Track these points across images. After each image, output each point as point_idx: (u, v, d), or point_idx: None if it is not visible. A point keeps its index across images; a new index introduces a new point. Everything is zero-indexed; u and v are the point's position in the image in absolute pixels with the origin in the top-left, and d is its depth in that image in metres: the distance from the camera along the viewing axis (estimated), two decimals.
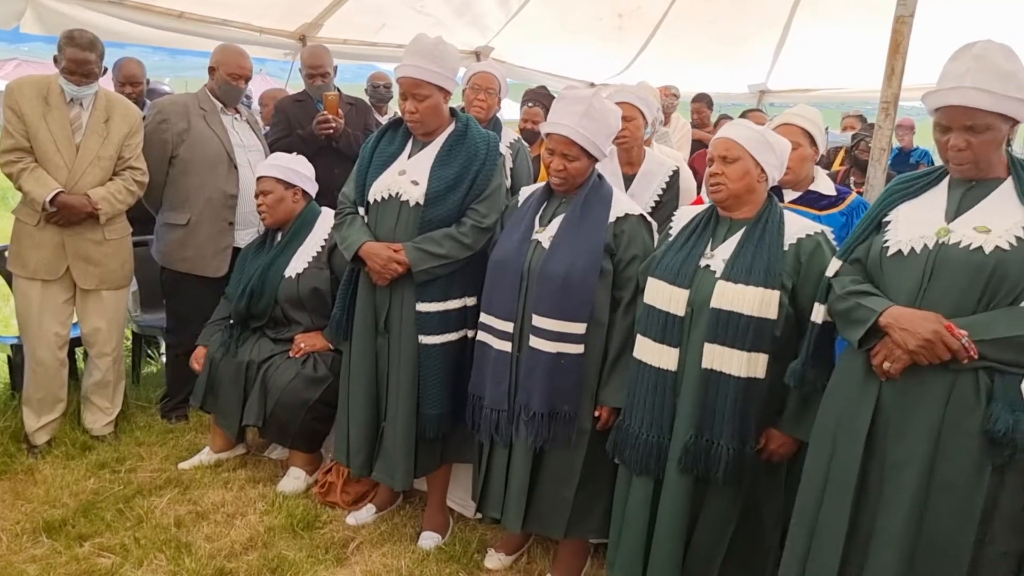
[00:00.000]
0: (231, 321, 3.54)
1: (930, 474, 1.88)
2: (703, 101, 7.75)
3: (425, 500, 3.23)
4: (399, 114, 2.95)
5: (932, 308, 1.89)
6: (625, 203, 2.70)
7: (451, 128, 2.89)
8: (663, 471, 2.35)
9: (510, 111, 9.87)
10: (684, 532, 2.33)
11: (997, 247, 1.84)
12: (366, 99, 5.74)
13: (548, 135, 2.63)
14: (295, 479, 3.40)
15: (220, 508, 3.19)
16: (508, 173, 2.93)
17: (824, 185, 2.95)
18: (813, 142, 2.89)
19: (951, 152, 1.92)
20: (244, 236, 3.90)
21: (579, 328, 2.54)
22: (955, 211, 1.95)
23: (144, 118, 3.77)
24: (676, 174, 3.48)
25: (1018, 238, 1.84)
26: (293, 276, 3.39)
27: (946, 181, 2.03)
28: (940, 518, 1.88)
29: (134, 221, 3.78)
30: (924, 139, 10.40)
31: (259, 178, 3.49)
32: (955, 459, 1.87)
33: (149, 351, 5.02)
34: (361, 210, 2.94)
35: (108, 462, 3.54)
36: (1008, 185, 1.94)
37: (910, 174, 2.15)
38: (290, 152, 3.68)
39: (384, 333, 2.91)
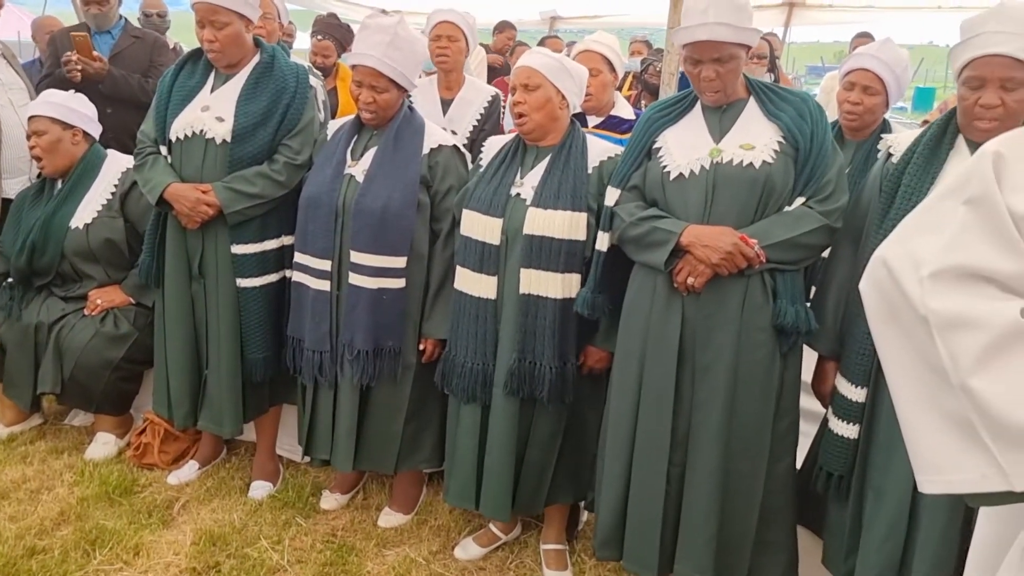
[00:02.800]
0: (10, 280, 3.21)
1: (736, 370, 2.11)
2: (511, 28, 7.71)
3: (251, 451, 3.15)
4: (178, 46, 2.74)
5: (719, 222, 2.09)
6: (438, 134, 2.69)
7: (256, 59, 2.74)
8: (490, 397, 2.44)
9: (302, 42, 9.43)
10: (514, 453, 2.43)
11: (764, 161, 2.08)
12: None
13: (354, 67, 2.56)
14: (104, 444, 3.19)
15: (22, 485, 2.94)
16: (320, 106, 2.84)
17: (624, 110, 3.09)
18: (613, 68, 3.01)
19: (704, 83, 2.13)
20: (13, 185, 3.52)
21: (399, 262, 2.55)
22: (719, 132, 2.16)
23: None
24: (495, 99, 3.50)
25: (775, 151, 2.09)
26: (81, 227, 3.11)
27: (699, 106, 2.23)
28: (748, 406, 2.12)
29: None
30: None
31: (31, 117, 3.13)
32: (754, 353, 2.11)
33: None
34: (163, 149, 2.74)
35: None
36: (752, 104, 2.18)
37: (663, 101, 2.35)
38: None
39: (199, 278, 2.78)
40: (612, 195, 2.27)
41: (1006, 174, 0.97)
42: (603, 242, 2.29)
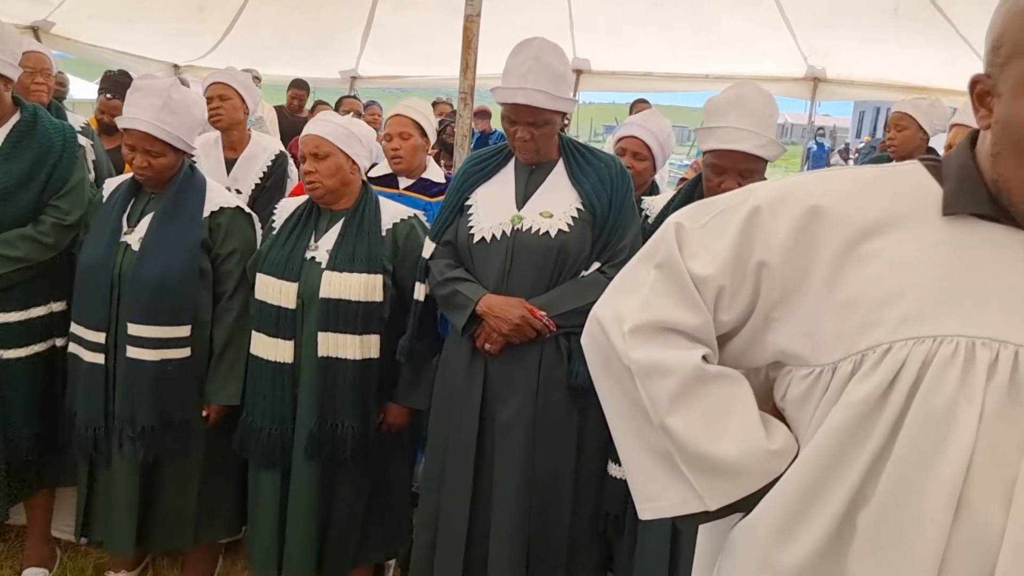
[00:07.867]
0: None
1: (534, 428, 2.20)
2: (301, 87, 7.76)
3: (22, 535, 2.89)
4: None
5: (516, 286, 2.20)
6: (221, 196, 2.63)
7: (16, 118, 2.57)
8: (290, 461, 2.41)
9: (79, 90, 8.90)
10: (318, 515, 2.41)
11: (560, 230, 2.21)
12: None
13: (126, 130, 2.45)
14: None
15: None
16: (91, 166, 2.70)
17: (435, 173, 3.20)
18: (424, 133, 3.12)
19: (518, 143, 2.25)
20: None
21: (183, 331, 2.45)
22: (523, 197, 2.28)
23: None
24: (281, 157, 3.50)
25: (573, 218, 2.22)
26: None
27: (513, 163, 2.34)
28: (548, 463, 2.21)
29: None
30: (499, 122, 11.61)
31: None
32: (551, 411, 2.21)
33: None
34: None
35: None
36: (560, 167, 2.31)
37: (481, 152, 2.42)
38: None
39: None
40: (428, 248, 2.34)
41: (685, 242, 1.12)
42: (420, 292, 2.36)
